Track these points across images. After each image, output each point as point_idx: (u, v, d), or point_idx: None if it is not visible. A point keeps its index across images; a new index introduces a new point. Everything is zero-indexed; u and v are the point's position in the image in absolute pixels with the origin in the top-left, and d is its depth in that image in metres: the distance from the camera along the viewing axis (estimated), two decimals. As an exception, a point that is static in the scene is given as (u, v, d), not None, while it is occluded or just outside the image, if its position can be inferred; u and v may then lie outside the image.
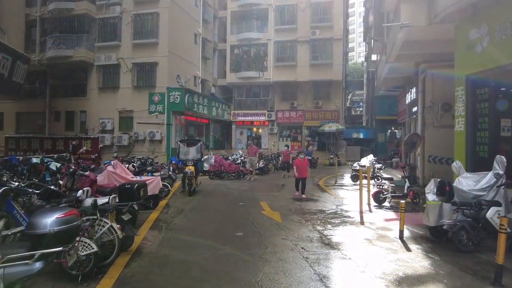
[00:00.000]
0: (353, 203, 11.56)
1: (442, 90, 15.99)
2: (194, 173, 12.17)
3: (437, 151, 16.16)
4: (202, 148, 13.37)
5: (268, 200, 11.53)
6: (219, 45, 33.57)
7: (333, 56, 29.29)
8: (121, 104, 25.11)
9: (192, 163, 12.37)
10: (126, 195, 6.54)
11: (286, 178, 18.17)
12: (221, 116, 30.04)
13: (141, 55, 24.67)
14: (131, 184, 6.82)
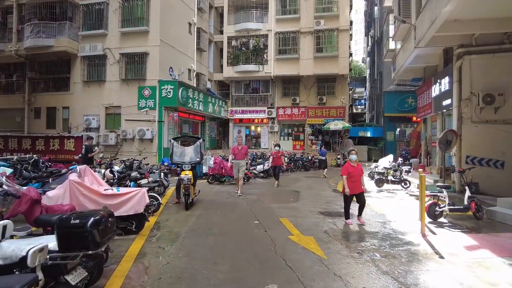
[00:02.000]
0: (399, 217, 8.75)
1: (484, 80, 13.30)
2: (192, 180, 9.25)
3: (477, 150, 13.44)
4: (202, 147, 10.53)
5: (289, 215, 8.63)
6: (215, 37, 30.55)
7: (338, 48, 26.51)
8: (107, 99, 22.20)
9: (190, 167, 9.45)
10: (73, 239, 3.56)
11: (277, 187, 14.04)
12: (217, 113, 27.06)
13: (130, 44, 21.72)
14: (81, 217, 3.73)
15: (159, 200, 8.34)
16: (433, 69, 17.37)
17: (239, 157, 11.86)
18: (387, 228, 7.74)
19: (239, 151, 11.91)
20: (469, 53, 13.40)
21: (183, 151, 10.00)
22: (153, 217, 8.19)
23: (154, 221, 7.89)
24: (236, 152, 11.95)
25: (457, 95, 13.65)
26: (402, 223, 8.12)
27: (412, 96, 26.73)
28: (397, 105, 27.22)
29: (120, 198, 6.39)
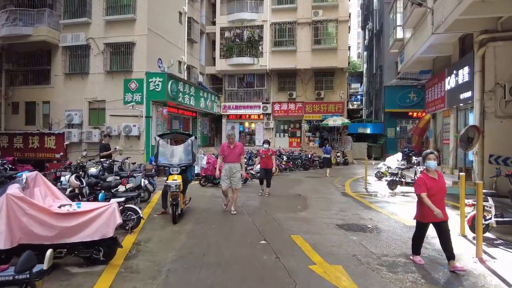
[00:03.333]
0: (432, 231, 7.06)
1: (511, 69, 11.72)
2: (182, 187, 7.43)
3: (502, 148, 11.87)
4: (195, 147, 8.65)
5: (302, 230, 6.86)
6: (207, 28, 28.57)
7: (337, 40, 24.78)
8: (91, 93, 20.15)
9: (179, 171, 7.65)
10: None
11: (264, 196, 11.12)
12: (210, 108, 25.16)
13: (115, 34, 19.68)
14: None
15: (139, 213, 6.52)
16: (445, 60, 15.76)
17: (232, 159, 8.59)
18: (428, 248, 6.03)
19: (231, 151, 8.62)
20: (493, 39, 11.81)
21: (171, 150, 8.13)
22: (132, 236, 6.38)
23: (132, 241, 6.07)
24: (227, 153, 8.61)
25: (479, 87, 12.05)
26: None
27: (414, 91, 25.24)
28: (399, 100, 25.63)
29: (80, 218, 4.58)
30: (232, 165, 8.58)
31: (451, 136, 14.97)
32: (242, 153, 8.84)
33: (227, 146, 8.69)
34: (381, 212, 8.81)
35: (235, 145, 8.76)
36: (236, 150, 8.71)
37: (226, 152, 8.65)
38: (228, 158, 8.62)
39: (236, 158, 8.66)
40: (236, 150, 8.70)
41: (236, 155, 8.68)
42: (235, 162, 8.62)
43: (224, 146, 8.78)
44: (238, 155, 8.72)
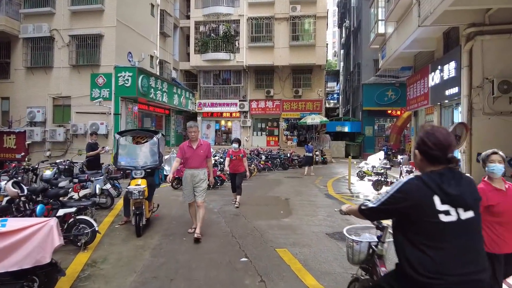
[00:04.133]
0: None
1: (499, 64, 11.14)
2: (147, 193, 6.30)
3: (490, 146, 10.97)
4: (162, 145, 7.27)
5: (288, 242, 5.87)
6: (181, 22, 27.18)
7: (316, 36, 23.99)
8: (55, 88, 18.65)
9: (143, 174, 6.52)
10: None
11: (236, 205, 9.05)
12: (184, 105, 23.87)
13: (82, 25, 18.24)
14: None
15: (94, 226, 5.37)
16: (427, 56, 15.15)
17: (194, 163, 6.38)
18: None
19: (193, 152, 6.38)
20: (481, 33, 11.18)
21: (133, 150, 6.98)
22: (85, 254, 5.22)
23: (84, 261, 4.92)
24: (188, 154, 6.39)
25: (467, 83, 11.40)
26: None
27: (392, 88, 24.79)
28: (376, 98, 25.12)
29: (4, 240, 3.42)
30: (196, 171, 6.33)
31: (434, 134, 14.36)
32: (209, 155, 6.56)
33: (188, 146, 6.41)
34: (372, 217, 7.94)
35: (199, 144, 6.43)
36: (201, 151, 6.39)
37: (187, 154, 6.35)
38: (190, 161, 6.36)
39: (201, 162, 6.41)
40: (200, 151, 6.38)
41: (201, 157, 6.39)
42: (199, 167, 6.38)
43: (183, 146, 6.45)
44: (204, 157, 6.44)
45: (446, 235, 1.93)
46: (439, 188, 1.95)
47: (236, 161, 9.40)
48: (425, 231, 1.94)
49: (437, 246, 1.91)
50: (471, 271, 1.91)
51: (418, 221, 1.96)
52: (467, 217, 1.95)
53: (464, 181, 2.04)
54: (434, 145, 2.03)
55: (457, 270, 1.89)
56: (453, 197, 1.94)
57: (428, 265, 1.89)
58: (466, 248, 1.94)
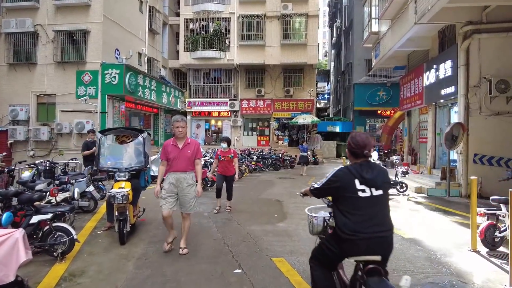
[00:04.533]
0: (440, 245, 5.84)
1: (497, 63, 10.90)
2: (132, 197, 5.80)
3: (486, 148, 11.02)
4: (147, 145, 6.54)
5: (285, 250, 5.39)
6: (171, 19, 26.54)
7: (307, 35, 23.62)
8: (39, 86, 17.93)
9: (127, 177, 5.99)
10: None
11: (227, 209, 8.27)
12: (173, 104, 23.27)
13: (67, 20, 17.57)
14: None
15: (72, 234, 4.84)
16: (421, 55, 14.89)
17: (180, 166, 5.28)
18: (446, 272, 4.74)
19: (179, 152, 5.31)
20: (478, 31, 10.94)
21: (117, 151, 6.43)
22: (62, 265, 4.69)
23: (60, 275, 4.39)
24: (172, 155, 5.30)
25: (464, 82, 11.14)
26: (459, 260, 5.19)
27: (383, 88, 24.56)
28: (368, 98, 24.84)
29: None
30: (182, 175, 5.24)
31: (429, 134, 14.08)
32: (198, 156, 5.44)
33: (173, 144, 5.32)
34: (370, 221, 7.54)
35: (187, 142, 5.35)
36: (188, 151, 5.30)
37: (171, 154, 5.26)
38: (175, 163, 5.24)
39: (188, 164, 5.30)
40: (187, 152, 5.29)
41: (188, 159, 5.29)
42: (186, 170, 5.27)
43: (167, 145, 5.36)
44: (191, 159, 5.34)
45: (362, 206, 2.74)
46: (359, 174, 2.79)
47: (225, 162, 8.29)
48: (348, 203, 2.77)
49: (356, 213, 2.73)
50: (378, 230, 2.70)
51: (344, 196, 2.79)
52: (377, 194, 2.77)
53: (376, 170, 2.87)
54: (355, 145, 2.91)
55: (368, 229, 2.68)
56: (367, 180, 2.77)
57: (349, 226, 2.71)
58: (376, 215, 2.74)
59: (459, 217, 8.04)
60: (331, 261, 3.11)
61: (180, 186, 5.24)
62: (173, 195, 5.26)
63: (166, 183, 5.28)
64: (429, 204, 9.77)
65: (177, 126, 5.27)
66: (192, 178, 5.37)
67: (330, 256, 3.02)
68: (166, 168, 5.34)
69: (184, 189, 5.25)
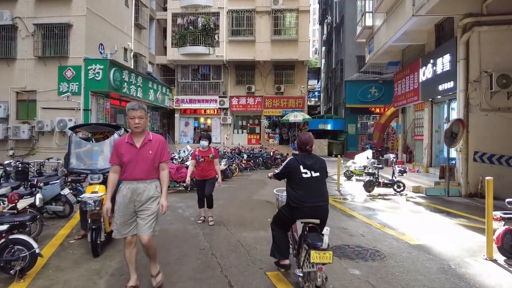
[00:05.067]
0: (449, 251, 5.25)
1: (498, 57, 10.41)
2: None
3: (487, 145, 10.52)
4: None
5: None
6: (158, 14, 25.68)
7: (298, 31, 23.01)
8: (19, 82, 17.05)
9: (102, 179, 5.24)
10: None
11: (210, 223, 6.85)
12: (161, 101, 22.45)
13: (48, 13, 16.70)
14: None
15: (34, 248, 4.11)
16: (416, 50, 14.39)
17: (139, 173, 3.85)
18: (465, 286, 4.14)
19: (136, 153, 3.87)
20: (479, 23, 10.41)
21: (90, 150, 5.71)
22: (20, 284, 3.97)
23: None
24: (127, 158, 3.86)
25: (463, 77, 10.62)
26: (477, 271, 4.59)
27: (375, 86, 24.01)
28: (360, 95, 24.26)
29: None
30: (140, 185, 3.84)
31: (425, 131, 13.56)
32: (164, 158, 4.00)
33: (128, 143, 3.89)
34: (371, 225, 6.93)
35: (147, 139, 3.94)
36: (149, 151, 3.90)
37: (125, 157, 3.85)
38: (131, 169, 3.84)
39: (150, 170, 3.90)
40: (147, 152, 3.90)
41: (149, 162, 3.89)
42: (146, 178, 3.87)
43: (120, 144, 3.93)
44: (154, 162, 3.93)
45: (305, 183, 3.88)
46: (303, 162, 3.96)
47: (204, 164, 6.91)
48: (296, 182, 3.92)
49: (301, 189, 3.87)
50: (317, 201, 3.85)
51: (294, 177, 3.94)
52: (315, 175, 3.93)
53: (315, 159, 4.07)
54: (301, 143, 4.09)
55: (310, 200, 3.84)
56: (308, 165, 3.94)
57: (297, 198, 3.86)
58: (315, 190, 3.88)
59: (464, 219, 7.48)
60: (286, 223, 4.26)
61: (137, 200, 3.80)
62: (128, 213, 3.81)
63: (119, 196, 3.84)
64: (430, 204, 9.22)
65: (133, 116, 3.79)
66: (155, 188, 3.92)
67: (285, 220, 4.20)
68: (115, 177, 3.94)
69: (143, 203, 3.82)
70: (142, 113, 3.84)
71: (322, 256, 3.40)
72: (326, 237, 3.41)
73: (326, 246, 3.41)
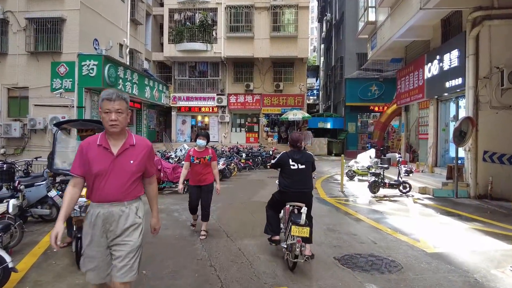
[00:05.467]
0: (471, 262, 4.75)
1: (509, 52, 9.92)
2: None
3: (497, 144, 10.03)
4: None
5: (290, 276, 4.26)
6: (154, 9, 25.10)
7: (298, 27, 22.49)
8: (10, 78, 16.57)
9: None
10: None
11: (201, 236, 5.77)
12: (157, 99, 21.89)
13: (41, 7, 16.28)
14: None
15: (7, 262, 3.57)
16: (420, 47, 13.91)
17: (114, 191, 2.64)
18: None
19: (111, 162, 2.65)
20: (489, 17, 9.91)
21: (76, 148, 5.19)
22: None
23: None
24: (98, 168, 2.62)
25: (473, 73, 10.11)
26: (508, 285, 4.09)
27: (376, 84, 23.55)
28: (360, 93, 23.78)
29: None
30: (116, 208, 2.67)
31: (430, 130, 13.07)
32: (150, 170, 2.89)
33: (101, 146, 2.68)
34: (381, 230, 6.41)
35: (128, 144, 2.74)
36: (130, 160, 2.72)
37: (96, 166, 2.64)
38: (102, 184, 2.64)
39: (129, 189, 2.71)
40: (128, 162, 2.71)
41: (130, 175, 2.71)
42: (122, 199, 2.68)
43: (87, 147, 2.70)
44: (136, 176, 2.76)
45: (293, 173, 4.72)
46: (292, 156, 4.79)
47: (200, 167, 5.86)
48: (285, 172, 4.77)
49: (289, 177, 4.73)
50: (301, 188, 4.72)
51: (284, 168, 4.79)
52: (302, 167, 4.75)
53: (302, 153, 4.90)
54: (292, 140, 4.95)
55: (295, 186, 4.71)
56: (296, 159, 4.74)
57: (285, 184, 4.73)
58: (300, 179, 4.74)
59: (479, 224, 6.98)
60: (277, 205, 5.04)
61: (110, 230, 2.64)
62: (101, 247, 2.65)
63: (86, 226, 2.69)
64: (439, 207, 8.72)
65: (108, 109, 2.61)
66: (135, 212, 2.74)
67: (276, 202, 5.02)
68: (73, 195, 2.70)
69: (118, 235, 2.66)
70: (121, 105, 2.63)
71: (300, 231, 4.25)
72: (303, 215, 4.29)
73: (303, 223, 4.28)
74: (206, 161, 5.86)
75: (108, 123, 2.60)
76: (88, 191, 2.71)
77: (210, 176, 5.94)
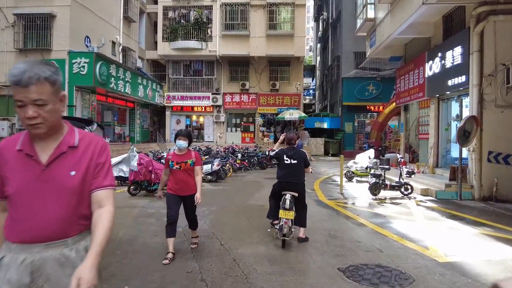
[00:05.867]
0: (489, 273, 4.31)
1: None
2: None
3: (502, 144, 9.63)
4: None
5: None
6: (148, 7, 24.54)
7: (294, 25, 22.03)
8: (-2, 76, 15.87)
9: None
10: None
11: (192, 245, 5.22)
12: (151, 98, 21.35)
13: (30, 3, 15.75)
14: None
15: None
16: (421, 44, 13.50)
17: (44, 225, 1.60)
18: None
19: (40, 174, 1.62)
20: (494, 12, 9.50)
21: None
22: None
23: None
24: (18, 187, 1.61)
25: (477, 70, 9.71)
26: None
27: (373, 83, 23.19)
28: (357, 93, 23.40)
29: None
30: (47, 254, 1.63)
31: (431, 130, 12.67)
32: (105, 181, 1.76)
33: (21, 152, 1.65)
34: (386, 236, 5.96)
35: (65, 145, 1.69)
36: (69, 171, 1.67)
37: (12, 185, 1.63)
38: (26, 211, 1.62)
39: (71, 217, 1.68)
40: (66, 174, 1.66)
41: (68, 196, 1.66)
42: (62, 236, 1.66)
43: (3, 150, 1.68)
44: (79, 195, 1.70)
45: (286, 167, 5.59)
46: (286, 152, 5.62)
47: (181, 173, 4.85)
48: (281, 165, 5.66)
49: (284, 170, 5.61)
50: (293, 179, 5.56)
51: (280, 162, 5.68)
52: (294, 162, 5.56)
53: (295, 151, 5.67)
54: (287, 139, 5.80)
55: (287, 178, 5.57)
56: (289, 155, 5.58)
57: (280, 176, 5.68)
58: (292, 171, 5.61)
59: (489, 228, 6.55)
60: (276, 194, 5.79)
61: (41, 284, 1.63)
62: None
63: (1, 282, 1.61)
64: (443, 209, 8.29)
65: (20, 100, 1.55)
66: (81, 251, 1.71)
67: (274, 192, 5.88)
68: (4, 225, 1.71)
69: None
70: (41, 91, 1.56)
71: (286, 213, 5.20)
72: (287, 200, 5.32)
73: (288, 207, 5.26)
74: (188, 166, 4.84)
75: (26, 122, 1.58)
76: (5, 223, 1.69)
77: (192, 185, 4.93)
